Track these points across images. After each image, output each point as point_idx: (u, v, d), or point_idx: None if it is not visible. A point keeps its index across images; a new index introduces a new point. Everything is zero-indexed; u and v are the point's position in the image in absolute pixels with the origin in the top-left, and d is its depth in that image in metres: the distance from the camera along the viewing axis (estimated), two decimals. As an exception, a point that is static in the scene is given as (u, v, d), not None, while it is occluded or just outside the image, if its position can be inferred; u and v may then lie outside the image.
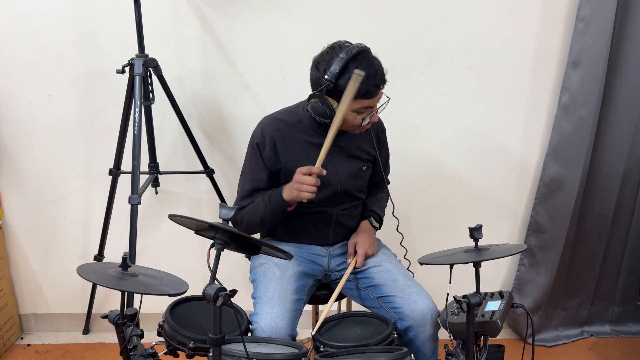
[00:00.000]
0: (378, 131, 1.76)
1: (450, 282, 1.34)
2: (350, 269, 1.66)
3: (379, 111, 1.55)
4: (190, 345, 1.33)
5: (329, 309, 1.57)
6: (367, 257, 1.69)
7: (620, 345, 2.35)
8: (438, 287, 1.73)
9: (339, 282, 1.71)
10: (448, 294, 1.34)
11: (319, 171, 1.48)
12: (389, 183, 1.92)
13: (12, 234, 2.26)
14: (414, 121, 2.16)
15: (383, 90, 1.53)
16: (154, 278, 1.24)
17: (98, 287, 2.27)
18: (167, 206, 2.24)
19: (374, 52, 1.54)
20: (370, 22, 2.00)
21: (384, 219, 1.84)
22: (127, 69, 1.83)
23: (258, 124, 1.66)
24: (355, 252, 1.69)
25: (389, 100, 1.56)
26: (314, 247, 1.73)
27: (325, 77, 1.45)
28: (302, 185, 1.48)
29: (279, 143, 1.60)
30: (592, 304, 2.41)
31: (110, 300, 2.34)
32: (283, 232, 1.75)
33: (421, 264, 1.39)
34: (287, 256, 1.30)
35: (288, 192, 1.54)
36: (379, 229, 1.82)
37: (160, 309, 1.51)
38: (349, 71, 1.42)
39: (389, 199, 1.85)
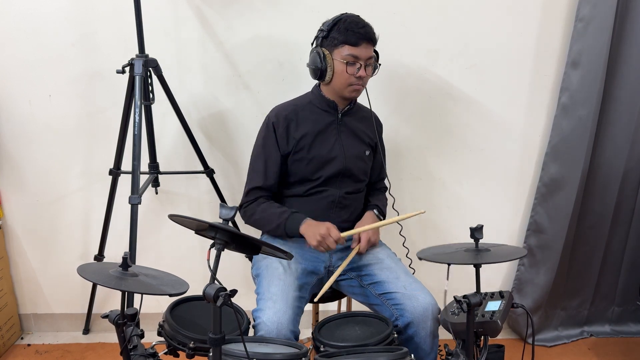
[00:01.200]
0: (377, 124, 1.84)
1: (447, 279, 1.34)
2: (353, 253, 1.69)
3: (367, 72, 1.65)
4: (191, 345, 1.33)
5: (332, 281, 1.61)
6: (370, 244, 1.73)
7: (620, 345, 2.35)
8: (438, 286, 1.74)
9: (340, 279, 1.73)
10: (446, 290, 1.34)
11: (342, 241, 1.62)
12: (386, 189, 1.94)
13: (12, 234, 2.26)
14: (414, 121, 2.16)
15: (378, 63, 1.70)
16: (154, 278, 1.23)
17: (98, 287, 2.27)
18: (167, 206, 2.24)
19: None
20: (370, 22, 2.00)
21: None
22: (127, 69, 1.83)
23: (271, 110, 1.75)
24: (359, 241, 1.72)
25: (379, 65, 1.70)
26: None
27: (321, 28, 1.66)
28: (324, 242, 1.58)
29: (291, 123, 1.70)
30: (592, 304, 2.41)
31: (110, 300, 2.34)
32: None
33: (420, 259, 1.39)
34: (287, 256, 1.30)
35: (308, 233, 1.61)
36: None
37: (160, 309, 1.51)
38: (340, 23, 1.62)
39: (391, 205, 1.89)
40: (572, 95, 2.04)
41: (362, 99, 1.79)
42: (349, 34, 1.60)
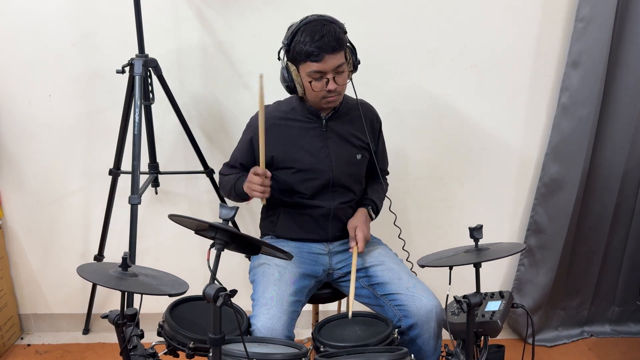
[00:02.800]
0: (372, 119, 1.77)
1: (450, 284, 1.34)
2: (355, 257, 1.64)
3: (339, 81, 1.55)
4: (190, 345, 1.33)
5: (352, 291, 1.57)
6: (366, 241, 1.71)
7: (620, 345, 2.35)
8: (439, 286, 1.73)
9: (341, 280, 1.72)
10: (448, 295, 1.34)
11: (262, 172, 1.55)
12: (388, 174, 1.92)
13: (12, 234, 2.26)
14: (414, 121, 2.16)
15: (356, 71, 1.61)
16: (154, 278, 1.24)
17: (98, 287, 2.27)
18: (167, 206, 2.24)
19: (374, 51, 1.55)
20: (370, 22, 2.00)
21: (386, 221, 1.85)
22: (127, 69, 1.84)
23: (256, 113, 1.69)
24: (356, 241, 1.68)
25: (351, 71, 1.60)
26: (314, 246, 1.73)
27: (283, 40, 1.57)
28: (251, 184, 1.57)
29: (272, 131, 1.64)
30: (592, 304, 2.41)
31: (110, 300, 2.35)
32: (282, 228, 1.75)
33: (422, 266, 1.38)
34: (287, 256, 1.30)
35: (245, 186, 1.62)
36: (374, 219, 1.81)
37: (160, 309, 1.51)
38: (298, 34, 1.51)
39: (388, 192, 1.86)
40: (572, 95, 2.04)
41: (352, 94, 1.72)
42: (308, 49, 1.49)
